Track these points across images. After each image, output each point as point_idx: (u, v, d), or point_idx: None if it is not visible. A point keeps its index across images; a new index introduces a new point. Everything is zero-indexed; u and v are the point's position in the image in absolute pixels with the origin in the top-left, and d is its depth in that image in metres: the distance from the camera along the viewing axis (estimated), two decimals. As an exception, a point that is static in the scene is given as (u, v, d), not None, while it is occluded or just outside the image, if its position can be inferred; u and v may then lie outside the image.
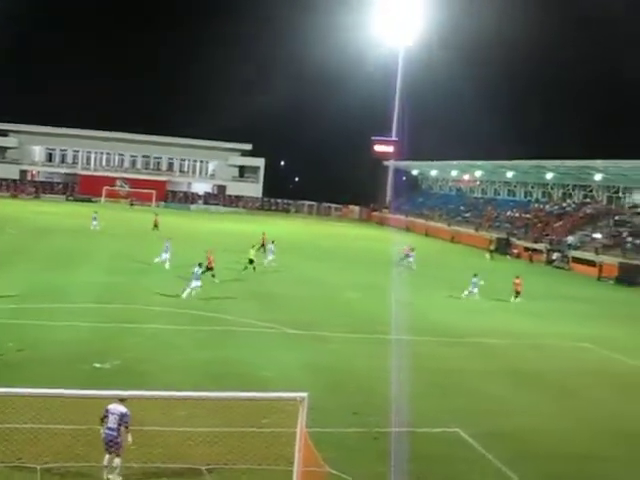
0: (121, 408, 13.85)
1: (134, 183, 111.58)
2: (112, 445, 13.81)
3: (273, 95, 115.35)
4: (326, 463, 13.83)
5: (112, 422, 13.80)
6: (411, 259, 53.29)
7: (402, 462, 16.22)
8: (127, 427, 13.88)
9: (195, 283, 33.84)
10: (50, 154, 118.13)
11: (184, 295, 33.31)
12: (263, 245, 52.51)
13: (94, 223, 62.48)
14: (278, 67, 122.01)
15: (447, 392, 22.43)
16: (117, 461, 13.92)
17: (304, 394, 12.84)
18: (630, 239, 66.37)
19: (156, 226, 63.52)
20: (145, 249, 49.77)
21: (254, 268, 43.00)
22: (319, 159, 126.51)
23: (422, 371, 24.57)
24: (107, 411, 13.87)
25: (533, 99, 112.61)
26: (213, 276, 37.06)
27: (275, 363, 23.67)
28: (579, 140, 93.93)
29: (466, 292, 40.56)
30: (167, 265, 41.87)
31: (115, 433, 13.77)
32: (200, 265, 35.28)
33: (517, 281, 41.45)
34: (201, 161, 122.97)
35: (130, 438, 13.97)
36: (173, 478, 14.53)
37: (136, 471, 14.32)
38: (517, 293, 41.03)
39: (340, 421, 18.27)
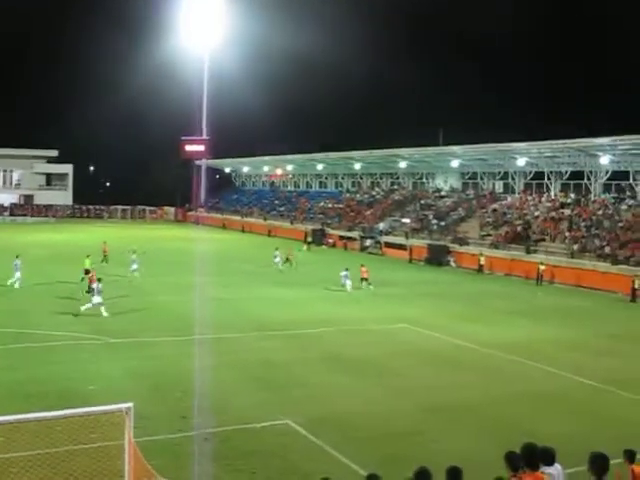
0: None
1: None
2: None
3: (78, 101, 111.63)
4: (157, 471, 13.62)
5: None
6: (277, 259, 52.68)
7: (235, 460, 16.26)
8: None
9: (97, 299, 32.54)
10: None
11: (104, 313, 32.26)
12: (105, 255, 51.11)
13: None
14: (83, 73, 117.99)
15: (273, 385, 22.64)
16: None
17: (129, 404, 12.57)
18: (435, 221, 70.00)
19: None
20: None
21: (83, 279, 41.36)
22: (130, 163, 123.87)
23: (246, 366, 24.74)
24: None
25: (333, 92, 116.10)
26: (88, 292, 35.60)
27: (98, 375, 22.91)
28: (383, 130, 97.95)
29: (344, 287, 42.32)
30: (17, 284, 39.67)
31: None
32: (100, 280, 33.81)
33: (363, 269, 44.24)
34: (4, 170, 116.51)
35: None
36: (-5, 509, 13.77)
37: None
38: (365, 279, 43.70)
39: (169, 427, 18.00)
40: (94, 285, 33.67)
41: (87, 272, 41.65)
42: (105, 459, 14.66)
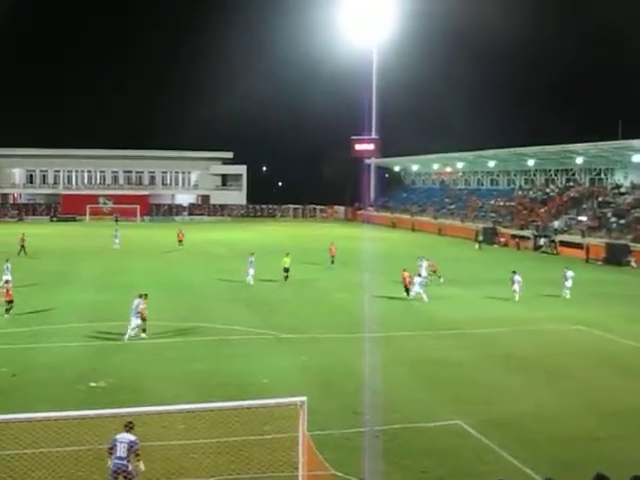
0: (129, 436, 13.48)
1: (117, 199, 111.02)
2: (122, 475, 13.33)
3: (250, 102, 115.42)
4: (330, 465, 13.84)
5: (121, 451, 13.35)
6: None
7: (405, 458, 16.24)
8: (137, 454, 13.50)
9: (417, 288, 37.18)
10: (30, 176, 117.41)
11: (425, 298, 36.69)
12: (333, 257, 51.29)
13: (116, 242, 62.20)
14: (252, 74, 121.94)
15: (444, 384, 22.46)
16: None
17: (303, 398, 12.83)
18: (614, 219, 66.76)
19: (181, 242, 63.05)
20: (169, 265, 50.59)
21: (287, 277, 43.05)
22: (301, 162, 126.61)
23: (417, 365, 24.66)
24: (115, 440, 13.44)
25: (506, 89, 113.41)
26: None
27: (271, 369, 23.61)
28: (557, 126, 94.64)
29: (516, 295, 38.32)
30: (251, 281, 41.78)
31: (125, 462, 13.35)
32: (419, 274, 38.52)
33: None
34: (183, 172, 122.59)
35: (142, 466, 13.58)
36: (178, 492, 14.46)
37: (140, 488, 14.22)
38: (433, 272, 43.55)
39: (340, 422, 18.26)
40: (415, 279, 37.50)
41: (286, 270, 42.75)
42: (279, 450, 15.09)
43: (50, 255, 56.22)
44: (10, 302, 30.88)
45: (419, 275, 38.74)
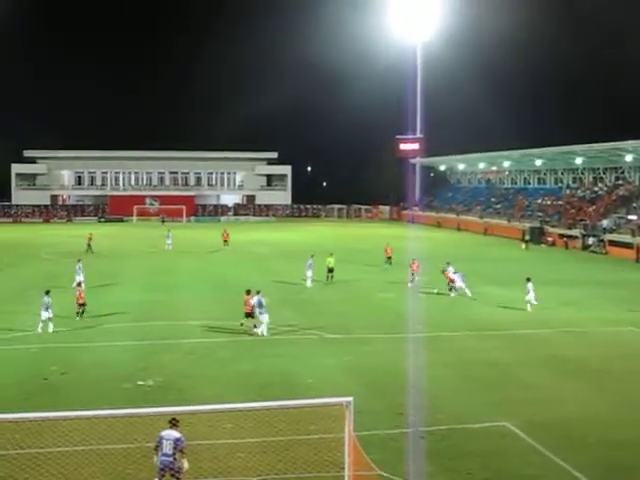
0: (175, 433, 13.60)
1: (163, 200, 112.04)
2: (169, 471, 13.50)
3: (294, 102, 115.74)
4: (375, 466, 13.80)
5: (167, 448, 13.51)
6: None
7: (451, 460, 16.13)
8: (182, 452, 13.60)
9: (461, 284, 38.54)
10: (79, 177, 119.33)
11: (468, 293, 37.93)
12: (389, 258, 50.55)
13: (168, 242, 62.93)
14: (297, 73, 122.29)
15: (490, 385, 22.28)
16: None
17: (350, 398, 12.82)
18: (666, 218, 65.48)
19: (226, 242, 63.75)
20: (214, 265, 50.79)
21: (332, 277, 43.17)
22: (345, 162, 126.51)
23: (462, 366, 24.48)
24: (161, 438, 13.59)
25: (552, 88, 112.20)
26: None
27: (317, 369, 23.65)
28: (605, 124, 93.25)
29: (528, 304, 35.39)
30: (309, 283, 41.67)
31: (171, 459, 13.50)
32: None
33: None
34: (228, 173, 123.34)
35: (186, 464, 13.66)
36: (225, 491, 14.54)
37: (188, 486, 14.34)
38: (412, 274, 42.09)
39: (386, 422, 18.20)
40: (456, 275, 38.93)
41: (330, 270, 42.87)
42: (325, 450, 15.09)
43: (102, 256, 56.80)
44: (82, 305, 31.29)
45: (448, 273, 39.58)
